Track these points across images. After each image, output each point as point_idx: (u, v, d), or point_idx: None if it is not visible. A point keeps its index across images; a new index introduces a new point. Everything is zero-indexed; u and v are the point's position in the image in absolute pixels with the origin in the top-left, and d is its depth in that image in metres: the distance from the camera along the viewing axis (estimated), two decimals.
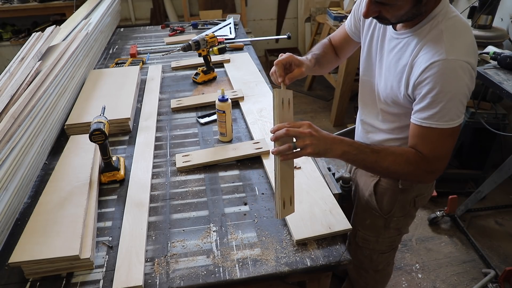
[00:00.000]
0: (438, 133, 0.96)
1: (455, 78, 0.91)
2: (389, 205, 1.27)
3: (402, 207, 1.27)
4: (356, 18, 1.26)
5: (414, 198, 1.26)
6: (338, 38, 1.36)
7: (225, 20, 2.89)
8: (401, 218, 1.31)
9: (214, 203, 1.19)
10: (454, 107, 0.93)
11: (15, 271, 0.98)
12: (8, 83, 1.41)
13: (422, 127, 0.97)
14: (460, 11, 2.83)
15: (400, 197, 1.25)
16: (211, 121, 1.62)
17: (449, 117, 0.94)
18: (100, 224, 1.13)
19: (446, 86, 0.92)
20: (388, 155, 1.00)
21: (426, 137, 0.98)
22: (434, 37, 0.96)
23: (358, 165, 1.09)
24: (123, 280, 0.93)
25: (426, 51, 0.95)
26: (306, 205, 1.13)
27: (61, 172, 1.26)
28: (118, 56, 2.37)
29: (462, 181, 2.68)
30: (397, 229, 1.34)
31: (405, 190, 1.23)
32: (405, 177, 1.12)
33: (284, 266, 0.97)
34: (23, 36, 3.90)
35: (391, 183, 1.24)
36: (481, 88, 2.17)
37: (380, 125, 1.20)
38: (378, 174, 1.22)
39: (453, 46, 0.93)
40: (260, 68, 2.05)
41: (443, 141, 0.98)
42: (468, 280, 2.04)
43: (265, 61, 4.42)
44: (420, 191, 1.26)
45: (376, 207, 1.29)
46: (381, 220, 1.31)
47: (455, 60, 0.91)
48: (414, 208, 1.31)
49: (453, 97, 0.92)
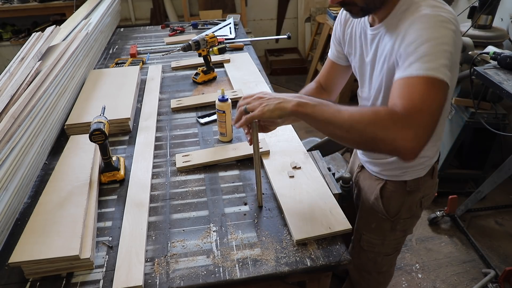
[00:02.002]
0: (417, 81, 0.82)
1: (438, 26, 0.85)
2: (396, 208, 1.25)
3: (409, 209, 1.26)
4: (336, 42, 1.25)
5: (421, 199, 1.25)
6: (325, 72, 1.33)
7: (225, 20, 2.89)
8: (407, 220, 1.29)
9: (214, 203, 1.19)
10: (437, 56, 0.82)
11: (15, 271, 0.98)
12: (8, 83, 1.41)
13: (399, 80, 0.86)
14: (460, 11, 2.83)
15: (407, 199, 1.23)
16: (211, 121, 1.62)
17: (430, 65, 0.82)
18: (100, 224, 1.13)
19: (427, 33, 0.84)
20: (352, 107, 0.88)
21: (402, 87, 0.85)
22: (411, 11, 0.91)
23: (316, 121, 0.90)
24: (123, 280, 0.93)
25: (406, 22, 0.91)
26: (306, 205, 1.13)
27: (61, 172, 1.26)
28: (118, 56, 2.37)
29: (462, 181, 2.68)
30: (403, 230, 1.33)
31: (412, 192, 1.22)
32: (373, 133, 0.83)
33: (284, 266, 0.97)
34: (23, 36, 3.90)
35: (398, 186, 1.22)
36: (481, 88, 2.17)
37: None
38: (339, 134, 0.89)
39: (434, 7, 0.88)
40: (260, 68, 2.05)
41: (423, 91, 0.82)
42: (468, 280, 2.04)
43: (265, 61, 4.42)
44: (426, 191, 1.24)
45: (383, 211, 1.27)
46: (387, 223, 1.29)
47: (437, 14, 0.86)
48: (420, 209, 1.29)
49: (436, 44, 0.83)
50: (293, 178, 1.25)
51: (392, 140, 0.80)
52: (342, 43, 1.22)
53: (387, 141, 0.81)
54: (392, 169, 1.22)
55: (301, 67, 4.35)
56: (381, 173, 1.25)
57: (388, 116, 0.82)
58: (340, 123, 0.86)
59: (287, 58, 4.49)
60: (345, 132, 0.86)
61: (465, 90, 2.26)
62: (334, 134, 0.90)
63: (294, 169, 1.28)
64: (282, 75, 4.32)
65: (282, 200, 1.16)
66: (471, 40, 2.27)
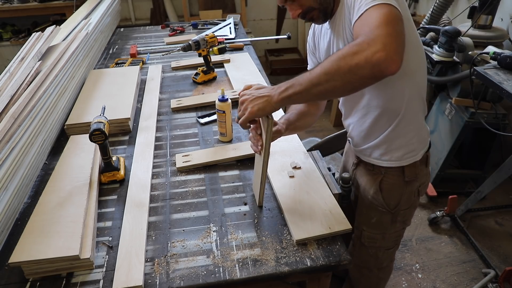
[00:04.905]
0: (367, 14, 0.89)
1: None
2: (396, 200, 1.29)
3: (408, 199, 1.30)
4: (311, 54, 1.33)
5: (418, 187, 1.29)
6: None
7: (225, 20, 2.89)
8: (407, 211, 1.33)
9: (214, 203, 1.19)
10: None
11: (15, 271, 0.98)
12: (8, 83, 1.41)
13: (355, 23, 0.92)
14: (460, 11, 2.83)
15: (406, 189, 1.27)
16: (211, 121, 1.62)
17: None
18: (100, 224, 1.13)
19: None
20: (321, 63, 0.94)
21: (358, 26, 0.91)
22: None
23: (301, 94, 0.93)
24: (123, 280, 0.93)
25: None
26: (306, 205, 1.13)
27: (61, 172, 1.26)
28: (118, 56, 2.37)
29: (462, 181, 2.68)
30: (403, 222, 1.37)
31: (410, 182, 1.26)
32: (347, 65, 0.86)
33: (284, 266, 0.97)
34: (23, 36, 3.91)
35: (397, 177, 1.25)
36: (481, 88, 2.17)
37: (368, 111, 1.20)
38: (323, 88, 0.91)
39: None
40: (260, 68, 2.05)
41: (375, 14, 0.87)
42: (468, 280, 2.04)
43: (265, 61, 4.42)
44: (422, 180, 1.29)
45: (384, 204, 1.30)
46: (388, 215, 1.32)
47: None
48: (418, 198, 1.34)
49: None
50: (293, 178, 1.25)
51: (366, 60, 0.82)
52: (317, 53, 1.30)
53: (362, 63, 0.83)
54: (392, 150, 1.22)
55: (301, 67, 4.34)
56: (382, 159, 1.25)
57: (352, 46, 0.86)
58: (317, 79, 0.89)
59: (287, 58, 4.49)
60: (326, 82, 0.89)
61: (465, 90, 2.26)
62: (320, 93, 0.91)
63: (294, 169, 1.28)
64: (282, 75, 4.32)
65: (282, 200, 1.16)
66: (471, 40, 2.27)
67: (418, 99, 1.17)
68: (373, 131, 1.21)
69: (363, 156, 1.31)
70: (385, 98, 1.13)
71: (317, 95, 0.93)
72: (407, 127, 1.18)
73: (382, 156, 1.24)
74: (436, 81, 2.41)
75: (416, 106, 1.17)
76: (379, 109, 1.16)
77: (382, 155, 1.24)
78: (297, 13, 1.08)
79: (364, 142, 1.27)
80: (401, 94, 1.12)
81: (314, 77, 0.89)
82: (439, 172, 2.50)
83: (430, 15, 2.68)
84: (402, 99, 1.12)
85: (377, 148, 1.24)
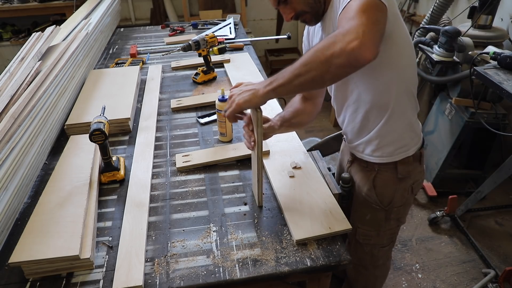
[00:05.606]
0: (348, 7, 0.91)
1: None
2: (389, 197, 1.29)
3: (401, 196, 1.30)
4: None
5: (411, 185, 1.30)
6: None
7: (225, 20, 2.89)
8: (400, 208, 1.33)
9: (214, 203, 1.19)
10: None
11: (15, 271, 0.98)
12: (8, 83, 1.41)
13: (339, 16, 0.95)
14: (460, 11, 2.83)
15: (399, 186, 1.28)
16: (211, 121, 1.62)
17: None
18: (100, 224, 1.13)
19: None
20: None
21: (341, 18, 0.94)
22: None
23: (286, 86, 0.96)
24: (123, 280, 0.93)
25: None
26: (306, 205, 1.13)
27: (61, 172, 1.26)
28: (118, 56, 2.37)
29: (462, 181, 2.68)
30: (397, 219, 1.37)
31: (403, 179, 1.26)
32: (324, 55, 0.88)
33: (284, 266, 0.97)
34: (23, 36, 3.91)
35: (390, 174, 1.26)
36: (481, 88, 2.17)
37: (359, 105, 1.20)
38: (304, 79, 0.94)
39: None
40: (260, 68, 2.05)
41: (355, 7, 0.90)
42: (468, 280, 2.04)
43: (265, 61, 4.42)
44: (416, 177, 1.30)
45: (377, 201, 1.30)
46: (381, 212, 1.32)
47: None
48: (412, 195, 1.34)
49: None
50: (293, 178, 1.25)
51: (341, 49, 0.85)
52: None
53: (337, 53, 0.86)
54: (384, 146, 1.22)
55: None
56: (374, 155, 1.26)
57: (329, 37, 0.89)
58: (298, 70, 0.93)
59: (287, 58, 4.48)
60: (306, 73, 0.92)
61: (465, 90, 2.26)
62: (302, 84, 0.94)
63: (294, 169, 1.28)
64: None
65: (282, 200, 1.16)
66: (471, 40, 2.27)
67: (408, 94, 1.17)
68: (365, 125, 1.22)
69: (357, 152, 1.31)
70: (373, 92, 1.14)
71: (299, 86, 0.96)
72: (397, 122, 1.19)
73: (374, 152, 1.25)
74: (436, 81, 2.41)
75: (406, 102, 1.18)
76: (368, 104, 1.17)
77: (374, 151, 1.25)
78: (290, 16, 1.13)
79: (357, 137, 1.27)
80: (389, 89, 1.13)
81: (295, 68, 0.93)
82: (439, 172, 2.50)
83: (430, 15, 2.68)
84: (390, 94, 1.13)
85: (369, 144, 1.25)
